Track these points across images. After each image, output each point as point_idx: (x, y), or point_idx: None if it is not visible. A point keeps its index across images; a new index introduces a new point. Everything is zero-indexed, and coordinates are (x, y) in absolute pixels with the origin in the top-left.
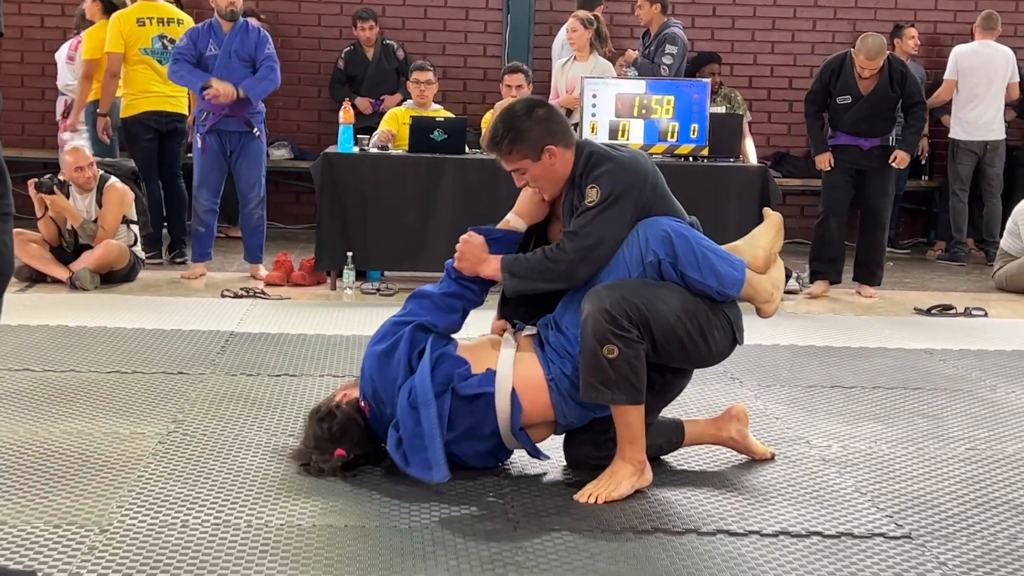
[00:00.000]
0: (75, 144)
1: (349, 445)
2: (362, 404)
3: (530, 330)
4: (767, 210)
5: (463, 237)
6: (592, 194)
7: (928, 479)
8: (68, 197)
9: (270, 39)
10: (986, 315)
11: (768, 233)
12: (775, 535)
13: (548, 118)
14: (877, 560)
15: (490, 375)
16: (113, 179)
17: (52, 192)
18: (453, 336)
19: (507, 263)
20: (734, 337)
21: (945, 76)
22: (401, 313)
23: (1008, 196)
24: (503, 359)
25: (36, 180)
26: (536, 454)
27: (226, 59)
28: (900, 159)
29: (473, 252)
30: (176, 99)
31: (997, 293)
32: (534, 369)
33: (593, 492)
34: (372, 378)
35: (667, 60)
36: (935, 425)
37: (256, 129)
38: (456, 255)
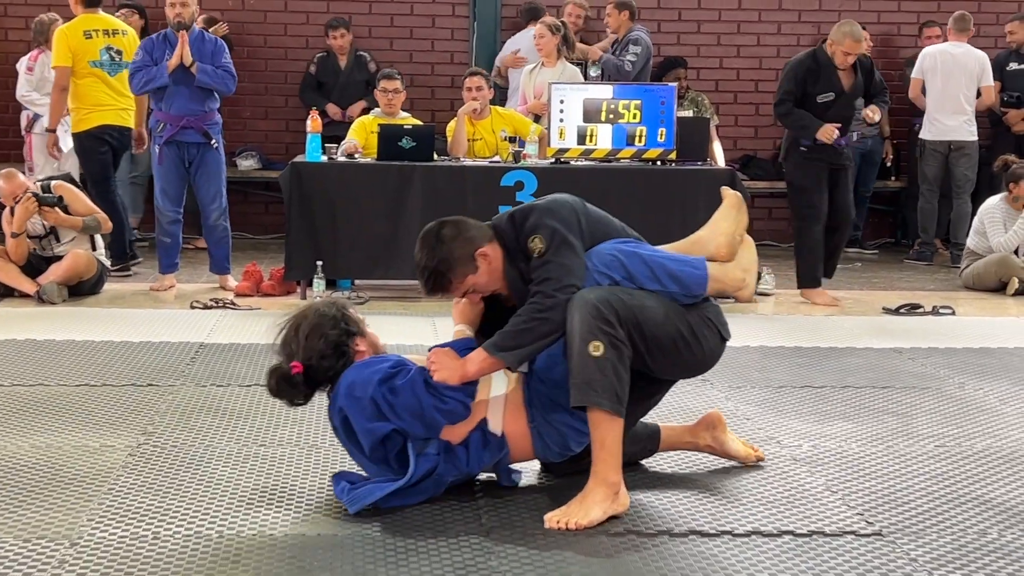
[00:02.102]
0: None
1: (314, 365)
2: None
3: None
4: (724, 189)
5: (429, 357)
6: (537, 243)
7: (898, 476)
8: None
9: (227, 49)
10: (954, 313)
11: (728, 217)
12: (747, 535)
13: (458, 231)
14: (848, 558)
15: (479, 436)
16: (54, 181)
17: (55, 206)
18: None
19: (491, 345)
20: (720, 334)
21: (912, 75)
22: (385, 397)
23: (976, 195)
24: (493, 407)
25: (35, 194)
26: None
27: (182, 68)
28: (874, 110)
29: (449, 360)
30: (128, 112)
31: (964, 292)
32: (520, 416)
33: (562, 518)
34: (335, 418)
35: (631, 57)
36: (904, 423)
37: (214, 140)
38: (431, 372)
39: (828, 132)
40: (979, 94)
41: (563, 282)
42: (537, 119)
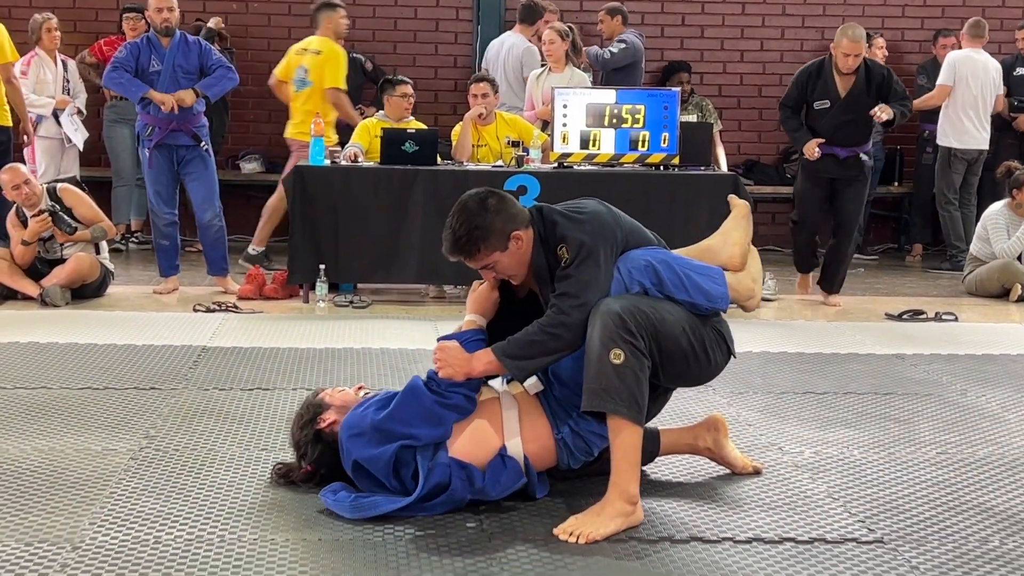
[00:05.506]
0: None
1: (322, 472)
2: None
3: (535, 387)
4: (733, 198)
5: (436, 348)
6: (563, 253)
7: (899, 483)
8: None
9: (212, 47)
10: (956, 319)
11: (739, 226)
12: (748, 542)
13: (502, 206)
14: (850, 565)
15: (499, 462)
16: (59, 184)
17: (69, 234)
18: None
19: (501, 350)
20: (728, 350)
21: (940, 82)
22: (386, 415)
23: (979, 202)
24: (509, 432)
25: (51, 213)
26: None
27: (171, 73)
28: (883, 108)
29: (454, 356)
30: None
31: (967, 298)
32: (543, 430)
33: (576, 530)
34: (345, 465)
35: (613, 49)
36: (906, 429)
37: (203, 142)
38: (436, 366)
39: (809, 149)
40: None
41: (580, 299)
42: (545, 125)
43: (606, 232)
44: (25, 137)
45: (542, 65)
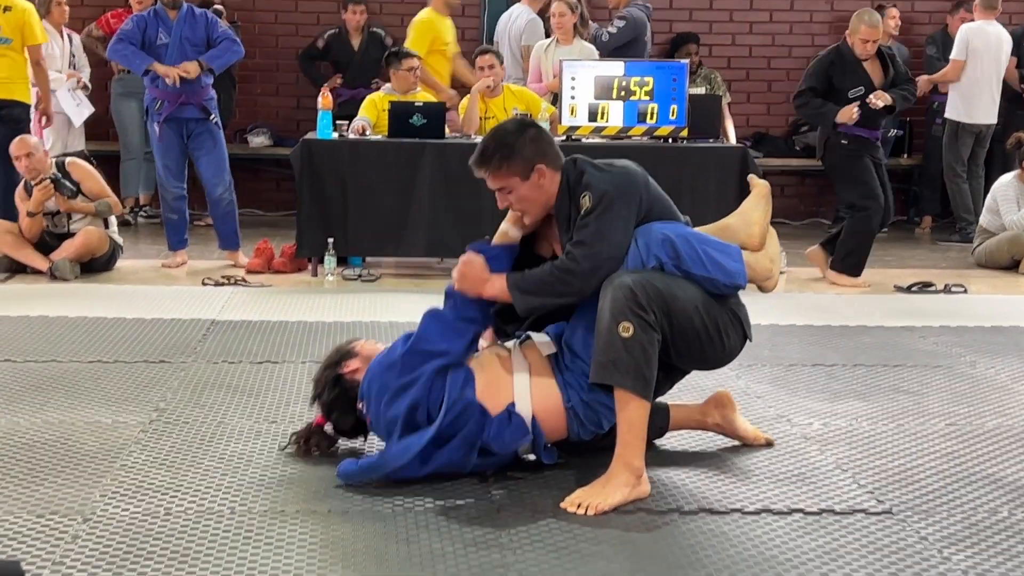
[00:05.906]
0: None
1: (333, 417)
2: (359, 404)
3: (548, 348)
4: (752, 178)
5: (463, 258)
6: (585, 201)
7: (909, 455)
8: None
9: (219, 20)
10: (966, 291)
11: (758, 206)
12: (757, 513)
13: (539, 138)
14: (858, 536)
15: (504, 416)
16: (69, 158)
17: (71, 198)
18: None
19: (514, 280)
20: (744, 334)
21: (953, 56)
22: (414, 339)
23: (988, 174)
24: (519, 390)
25: (53, 180)
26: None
27: (178, 45)
28: (880, 95)
29: (475, 273)
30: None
31: (976, 269)
32: (552, 395)
33: (583, 501)
34: (376, 406)
35: (611, 30)
36: (915, 401)
37: (213, 115)
38: (456, 277)
39: (848, 113)
40: None
41: (594, 248)
42: (555, 98)
43: (631, 189)
44: (44, 119)
45: (547, 36)
